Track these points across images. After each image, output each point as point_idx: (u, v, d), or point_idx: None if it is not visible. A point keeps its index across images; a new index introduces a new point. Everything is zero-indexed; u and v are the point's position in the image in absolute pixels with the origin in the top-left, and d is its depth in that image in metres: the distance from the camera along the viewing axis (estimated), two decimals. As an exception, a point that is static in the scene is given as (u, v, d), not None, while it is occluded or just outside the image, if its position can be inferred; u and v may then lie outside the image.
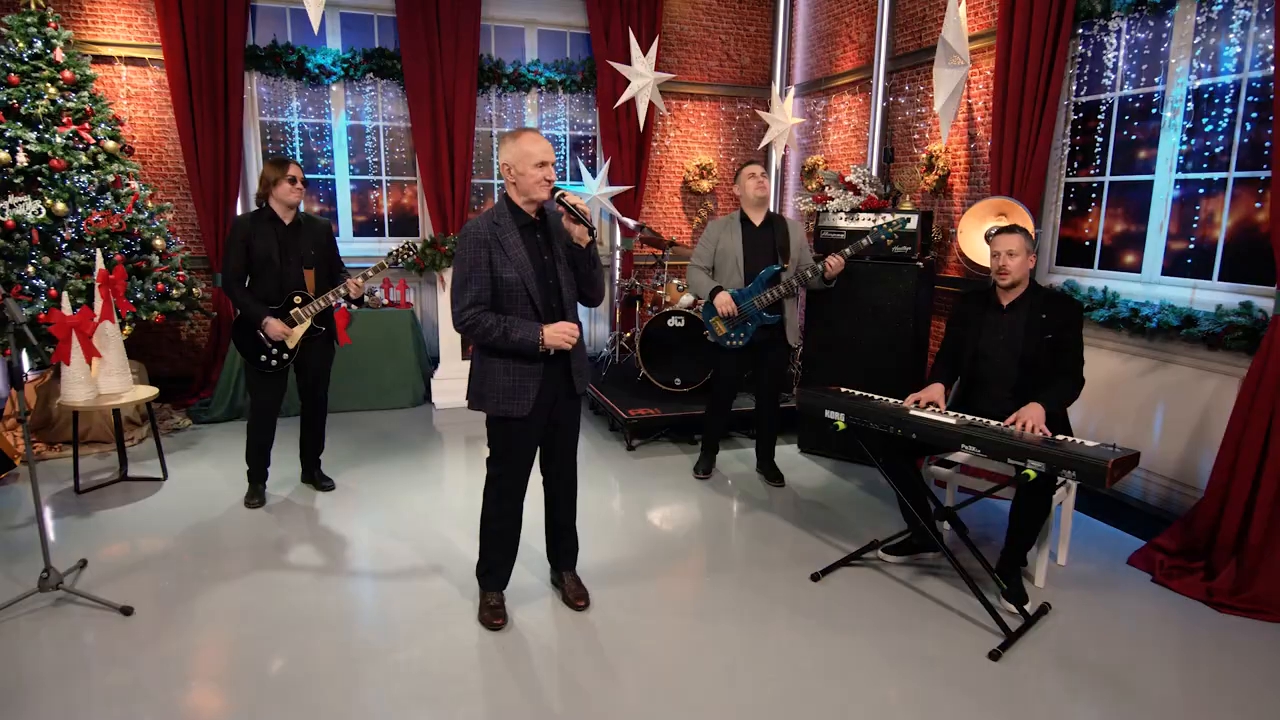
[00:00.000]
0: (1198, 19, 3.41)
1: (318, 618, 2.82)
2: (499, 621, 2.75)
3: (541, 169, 2.54)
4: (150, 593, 2.97)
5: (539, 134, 2.58)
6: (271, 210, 3.64)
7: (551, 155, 2.56)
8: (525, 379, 2.63)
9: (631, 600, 2.97)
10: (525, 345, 2.56)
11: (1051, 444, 2.61)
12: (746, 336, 3.99)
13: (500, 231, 2.59)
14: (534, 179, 2.55)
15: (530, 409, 2.64)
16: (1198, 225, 3.49)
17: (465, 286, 2.59)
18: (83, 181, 4.34)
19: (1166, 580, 3.19)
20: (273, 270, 3.65)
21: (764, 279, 3.91)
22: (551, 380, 2.69)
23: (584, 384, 2.79)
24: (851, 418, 3.03)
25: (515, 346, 2.57)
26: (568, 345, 2.61)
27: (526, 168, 2.54)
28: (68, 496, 3.91)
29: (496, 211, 2.63)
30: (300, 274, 3.73)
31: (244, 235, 3.60)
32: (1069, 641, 2.75)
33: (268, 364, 3.69)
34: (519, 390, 2.63)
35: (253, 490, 3.83)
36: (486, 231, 2.58)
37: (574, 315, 2.73)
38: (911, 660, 2.62)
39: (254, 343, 3.66)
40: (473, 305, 2.58)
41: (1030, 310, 3.04)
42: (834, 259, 3.77)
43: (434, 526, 3.61)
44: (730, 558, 3.39)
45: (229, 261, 3.60)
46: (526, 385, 2.63)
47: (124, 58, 5.24)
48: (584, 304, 2.81)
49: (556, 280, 2.67)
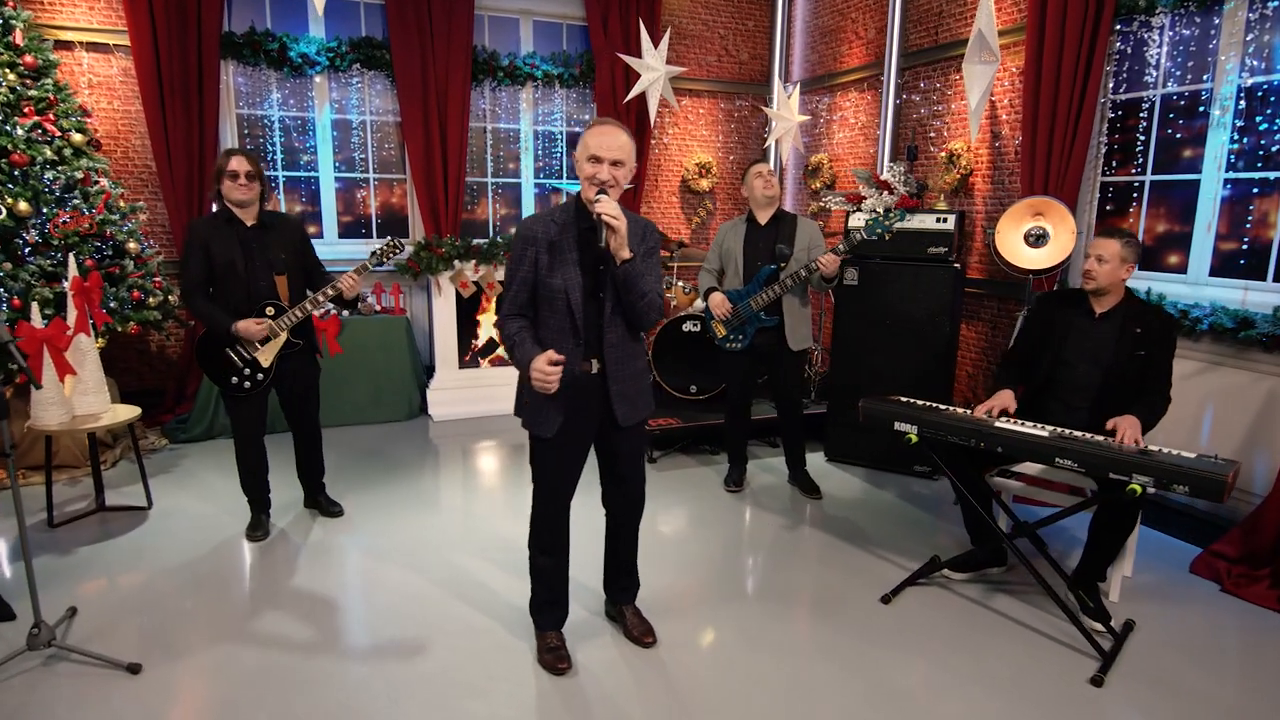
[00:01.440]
0: (1250, 15, 3.34)
1: (355, 669, 2.51)
2: (563, 665, 2.49)
3: (592, 165, 2.23)
4: (154, 644, 2.62)
5: (609, 126, 2.27)
6: (230, 209, 3.21)
7: (610, 151, 2.22)
8: (545, 399, 2.30)
9: (699, 635, 2.74)
10: (521, 369, 2.26)
11: (1149, 456, 2.47)
12: (746, 339, 3.83)
13: (557, 231, 2.30)
14: (583, 174, 2.27)
15: (555, 432, 2.34)
16: (1251, 225, 3.43)
17: (508, 289, 2.34)
18: (47, 178, 3.89)
19: (1236, 590, 3.10)
20: (236, 278, 3.21)
21: (761, 279, 3.75)
22: (583, 407, 2.35)
23: (635, 414, 2.42)
24: (926, 430, 2.86)
25: (517, 366, 2.28)
26: (542, 388, 2.19)
27: (580, 160, 2.27)
28: (40, 531, 3.49)
29: (563, 208, 2.35)
30: (270, 281, 3.29)
31: (201, 240, 3.16)
32: (1164, 663, 2.62)
33: (240, 387, 3.26)
34: (543, 408, 2.33)
35: (255, 521, 3.46)
36: (540, 229, 2.30)
37: (624, 340, 2.37)
38: (1011, 689, 2.45)
39: (221, 364, 3.24)
40: (508, 309, 2.33)
41: (1124, 321, 2.90)
42: (826, 257, 3.60)
43: (457, 556, 3.32)
44: (788, 581, 3.19)
45: (187, 270, 3.18)
46: (547, 405, 2.32)
47: (85, 43, 4.77)
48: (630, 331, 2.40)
49: (606, 298, 2.32)
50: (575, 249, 2.29)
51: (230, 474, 4.14)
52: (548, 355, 2.18)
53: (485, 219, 6.06)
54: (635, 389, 2.41)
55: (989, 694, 2.43)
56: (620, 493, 2.59)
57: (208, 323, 3.20)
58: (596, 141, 2.22)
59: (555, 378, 2.19)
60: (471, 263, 5.37)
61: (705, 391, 4.92)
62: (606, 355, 2.33)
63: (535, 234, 2.29)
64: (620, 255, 2.21)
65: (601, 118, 2.36)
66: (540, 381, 2.19)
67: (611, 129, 2.26)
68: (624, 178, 2.26)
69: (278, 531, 3.52)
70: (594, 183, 2.22)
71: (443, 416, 5.32)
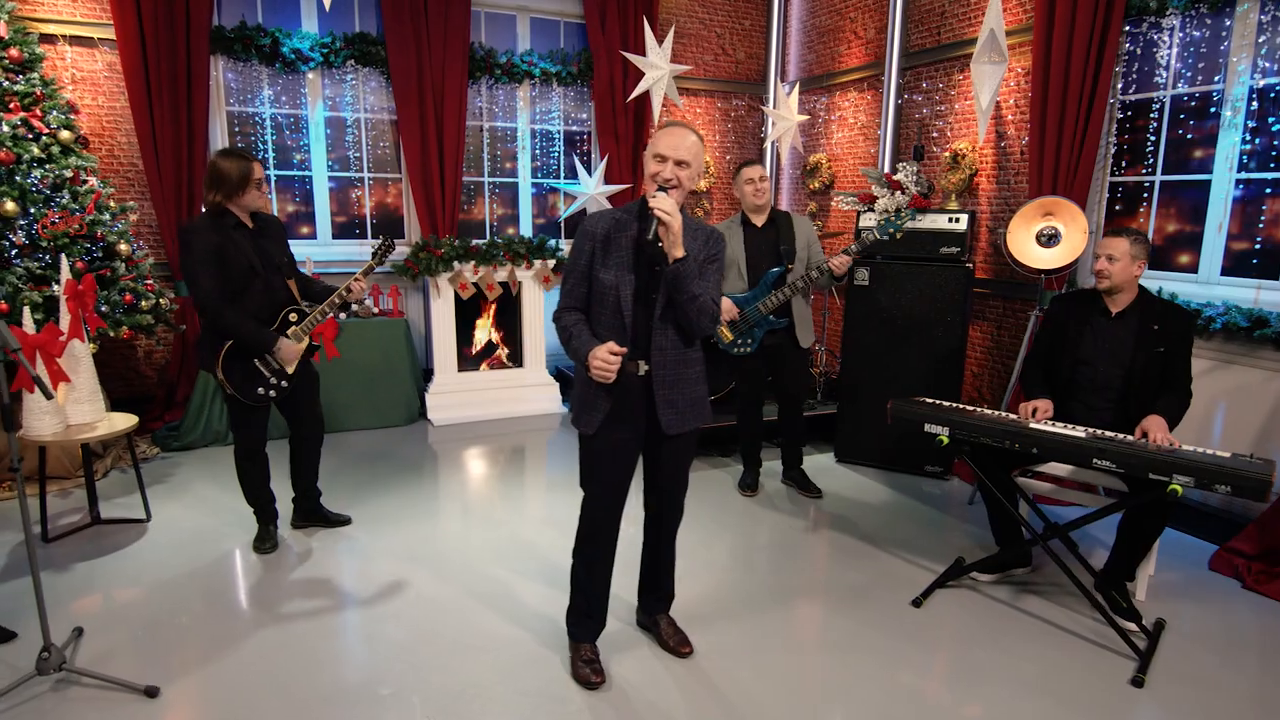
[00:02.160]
0: (1262, 17, 3.38)
1: (379, 686, 2.41)
2: (598, 679, 2.41)
3: (656, 163, 2.21)
4: (168, 665, 2.50)
5: (677, 127, 2.25)
6: (233, 214, 3.02)
7: (674, 150, 2.19)
8: (594, 395, 2.29)
9: (734, 642, 2.69)
10: (577, 360, 2.27)
11: (1187, 456, 2.47)
12: (754, 342, 3.80)
13: (616, 228, 2.27)
14: (648, 172, 2.25)
15: (596, 429, 2.30)
16: (1264, 225, 3.46)
17: (566, 282, 2.33)
18: (35, 177, 3.73)
19: (1258, 586, 3.13)
20: (259, 285, 3.06)
21: (768, 282, 3.72)
22: (629, 409, 2.30)
23: (682, 423, 2.33)
24: (958, 432, 2.84)
25: (573, 357, 2.29)
26: (601, 377, 2.16)
27: (647, 158, 2.25)
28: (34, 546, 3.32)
29: (627, 206, 2.33)
30: (284, 285, 3.18)
31: (212, 247, 2.92)
32: (1199, 662, 2.62)
33: (265, 396, 3.13)
34: (590, 405, 2.31)
35: (264, 533, 3.33)
36: (599, 224, 2.28)
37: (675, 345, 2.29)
38: (1054, 692, 2.43)
39: (249, 374, 3.10)
40: (565, 302, 2.32)
41: (1141, 319, 2.91)
42: (839, 259, 3.59)
43: (478, 564, 3.23)
44: (815, 584, 3.15)
45: (202, 281, 2.90)
46: (595, 403, 2.29)
47: (69, 37, 4.58)
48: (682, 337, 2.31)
49: (657, 297, 2.26)
50: (630, 247, 2.25)
51: (228, 484, 4.02)
52: (609, 346, 2.17)
53: (482, 219, 5.95)
54: (685, 397, 2.34)
55: (1032, 697, 2.40)
56: (660, 502, 2.52)
57: (245, 338, 3.00)
58: (663, 141, 2.21)
59: (615, 368, 2.18)
60: (471, 264, 5.27)
61: (713, 392, 4.87)
62: (654, 359, 2.27)
63: (594, 229, 2.27)
64: (672, 254, 2.17)
65: (672, 120, 2.31)
66: (600, 371, 2.17)
67: (680, 130, 2.24)
68: (687, 178, 2.23)
69: (282, 543, 3.40)
70: (656, 180, 2.20)
71: (443, 421, 5.21)
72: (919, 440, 4.19)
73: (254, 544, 3.32)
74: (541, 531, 3.57)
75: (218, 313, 2.95)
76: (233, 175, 2.97)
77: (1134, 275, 2.90)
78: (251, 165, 3.01)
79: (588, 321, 2.30)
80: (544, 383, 5.63)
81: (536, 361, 5.63)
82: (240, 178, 2.98)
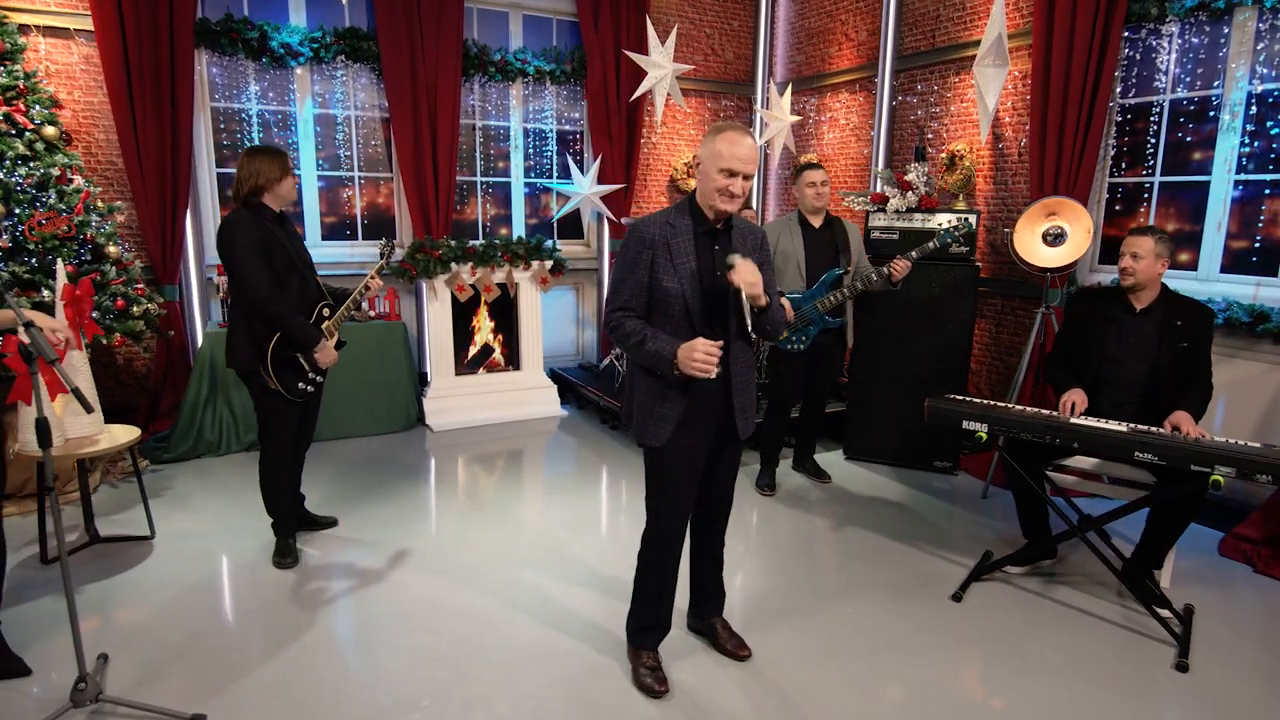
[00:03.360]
0: (1260, 25, 3.53)
1: (441, 703, 2.33)
2: (662, 688, 2.38)
3: (726, 178, 2.15)
4: (204, 689, 2.37)
5: (743, 135, 2.17)
6: (269, 207, 2.99)
7: (747, 165, 2.14)
8: (664, 404, 2.24)
9: (787, 644, 2.68)
10: (659, 360, 2.17)
11: (1226, 448, 2.56)
12: (809, 340, 3.85)
13: (672, 234, 2.22)
14: (714, 186, 2.17)
15: (666, 440, 2.26)
16: (1262, 224, 3.61)
17: (619, 288, 2.25)
18: (19, 175, 3.50)
19: (1269, 570, 3.27)
20: (297, 279, 3.04)
21: (827, 282, 3.78)
22: (703, 415, 2.28)
23: (749, 426, 2.36)
24: (997, 428, 2.88)
25: (649, 360, 2.20)
26: (703, 371, 2.11)
27: (711, 170, 2.17)
28: (32, 568, 3.13)
29: (676, 210, 2.27)
30: (316, 281, 3.19)
31: (258, 241, 2.89)
32: (1231, 645, 2.72)
33: (305, 392, 3.09)
34: (658, 416, 2.25)
35: (285, 547, 3.20)
36: (655, 231, 2.22)
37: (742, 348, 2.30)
38: (1103, 678, 2.49)
39: (293, 369, 3.04)
40: (622, 309, 2.24)
41: (1164, 316, 3.00)
42: (900, 262, 3.65)
43: (512, 573, 3.15)
44: (852, 583, 3.16)
45: (254, 275, 2.87)
46: (665, 412, 2.24)
47: (42, 27, 4.32)
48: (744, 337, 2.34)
49: (725, 302, 2.26)
50: (692, 253, 2.21)
51: (229, 496, 3.90)
52: (703, 341, 2.11)
53: (474, 220, 5.83)
54: (749, 400, 2.35)
55: (1086, 684, 2.46)
56: (716, 502, 2.50)
57: (298, 334, 2.96)
58: (732, 152, 2.13)
59: (717, 359, 2.10)
60: (468, 265, 5.16)
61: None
62: (732, 364, 2.24)
63: (651, 236, 2.21)
64: (758, 304, 2.17)
65: (730, 123, 2.23)
66: (703, 364, 2.09)
67: (747, 138, 2.17)
68: (748, 190, 2.21)
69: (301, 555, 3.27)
70: (725, 195, 2.16)
71: (442, 426, 5.09)
72: (927, 437, 4.34)
73: (274, 559, 3.19)
74: (568, 536, 3.51)
75: (272, 304, 2.90)
76: (273, 164, 2.95)
77: (1158, 272, 2.99)
78: (286, 157, 3.01)
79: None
80: (542, 385, 5.55)
81: (534, 364, 5.54)
82: (280, 170, 2.96)
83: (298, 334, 2.95)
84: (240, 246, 2.87)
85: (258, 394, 3.04)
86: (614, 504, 3.97)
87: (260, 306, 2.90)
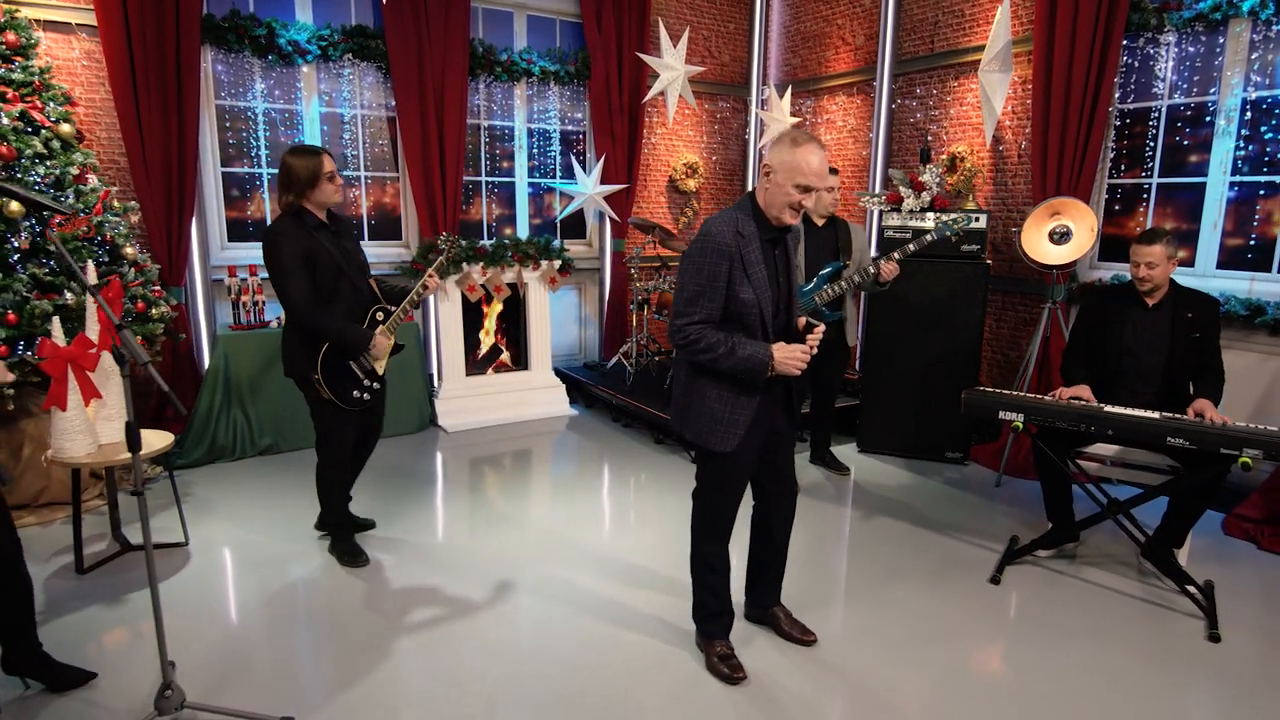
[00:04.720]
0: (1254, 35, 3.75)
1: (532, 698, 2.36)
2: (740, 675, 2.45)
3: (801, 193, 2.22)
4: (284, 693, 2.36)
5: (820, 149, 2.21)
6: (311, 213, 2.94)
7: (823, 180, 2.22)
8: (737, 410, 2.32)
9: (843, 630, 2.77)
10: (754, 365, 2.24)
11: (1253, 431, 2.73)
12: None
13: (744, 244, 2.26)
14: (787, 199, 2.23)
15: (737, 444, 2.34)
16: (1256, 223, 3.84)
17: (697, 301, 2.25)
18: (37, 174, 3.40)
19: (1273, 547, 3.48)
20: (347, 286, 2.98)
21: (825, 275, 3.87)
22: (765, 413, 2.40)
23: (798, 414, 2.57)
24: (1034, 417, 3.02)
25: (742, 366, 2.25)
26: (797, 371, 2.29)
27: (786, 183, 2.22)
28: (68, 579, 3.05)
29: (740, 217, 2.28)
30: (369, 285, 3.14)
31: (302, 249, 2.83)
32: (1255, 616, 2.90)
33: (360, 400, 3.05)
34: (730, 421, 2.33)
35: (353, 547, 3.20)
36: (732, 242, 2.24)
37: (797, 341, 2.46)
38: (1148, 654, 2.64)
39: (345, 377, 3.01)
40: (703, 322, 2.27)
41: (1175, 308, 3.18)
42: (888, 264, 3.73)
43: (564, 571, 3.19)
44: (891, 571, 3.26)
45: (294, 287, 2.81)
46: (738, 418, 2.32)
47: (42, 21, 4.18)
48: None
49: (789, 305, 2.41)
50: (761, 263, 2.28)
51: (254, 499, 3.87)
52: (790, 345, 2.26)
53: (479, 219, 5.81)
54: (801, 390, 2.54)
55: (1127, 656, 2.60)
56: (783, 491, 2.59)
57: (342, 340, 2.91)
58: (814, 169, 2.18)
59: (808, 358, 2.28)
60: (479, 265, 5.15)
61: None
62: None
63: (730, 247, 2.23)
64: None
65: (804, 133, 2.25)
66: (800, 362, 2.27)
67: (823, 154, 2.21)
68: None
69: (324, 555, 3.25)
70: (795, 209, 2.24)
71: (455, 427, 5.07)
72: (938, 428, 4.49)
73: (343, 559, 3.18)
74: (610, 533, 3.55)
75: (311, 318, 2.85)
76: (302, 171, 2.87)
77: (1170, 273, 3.18)
78: (321, 159, 2.91)
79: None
80: (550, 385, 5.57)
81: (542, 364, 5.55)
82: (309, 174, 2.88)
83: (344, 341, 2.92)
84: (282, 259, 2.82)
85: (313, 401, 3.01)
86: (653, 499, 4.01)
87: (299, 319, 2.88)
